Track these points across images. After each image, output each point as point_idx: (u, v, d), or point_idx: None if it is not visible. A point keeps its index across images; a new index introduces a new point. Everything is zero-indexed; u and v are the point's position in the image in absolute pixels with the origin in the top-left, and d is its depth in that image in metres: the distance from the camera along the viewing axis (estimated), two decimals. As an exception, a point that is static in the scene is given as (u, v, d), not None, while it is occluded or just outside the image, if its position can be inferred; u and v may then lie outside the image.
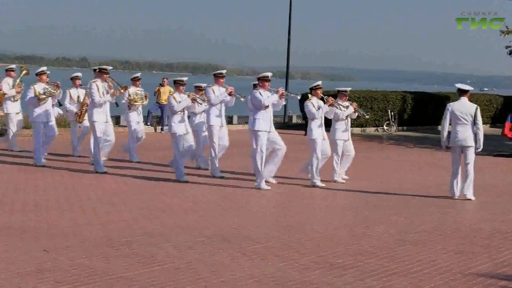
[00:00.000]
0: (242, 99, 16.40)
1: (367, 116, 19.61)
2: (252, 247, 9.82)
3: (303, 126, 32.02)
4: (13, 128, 20.00)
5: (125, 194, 14.14)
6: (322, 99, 16.16)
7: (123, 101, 18.12)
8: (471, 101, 15.23)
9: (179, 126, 15.80)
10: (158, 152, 20.50)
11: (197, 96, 16.48)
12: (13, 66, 20.57)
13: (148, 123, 28.36)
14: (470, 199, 14.67)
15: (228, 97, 16.43)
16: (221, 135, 16.90)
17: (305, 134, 30.39)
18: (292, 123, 36.37)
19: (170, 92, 19.25)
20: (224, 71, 16.97)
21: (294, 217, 12.55)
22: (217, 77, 16.73)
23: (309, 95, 16.16)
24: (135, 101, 18.45)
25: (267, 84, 15.58)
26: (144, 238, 10.11)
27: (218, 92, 16.44)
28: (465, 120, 14.83)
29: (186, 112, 16.15)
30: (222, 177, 16.45)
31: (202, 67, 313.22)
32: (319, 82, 16.64)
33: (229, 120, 30.23)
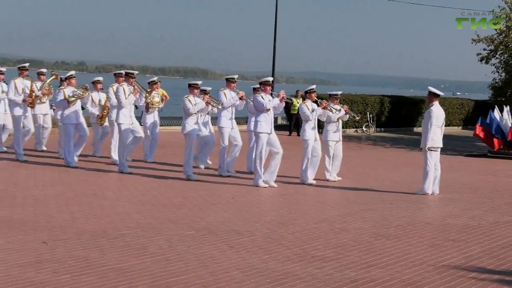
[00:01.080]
0: (251, 103, 16.38)
1: (357, 118, 19.62)
2: (238, 240, 9.82)
3: (287, 126, 32.15)
4: (45, 131, 20.03)
5: (119, 189, 14.12)
6: (316, 102, 16.19)
7: (141, 104, 18.01)
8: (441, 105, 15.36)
9: (194, 129, 15.80)
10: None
11: (212, 98, 16.49)
12: (44, 70, 20.50)
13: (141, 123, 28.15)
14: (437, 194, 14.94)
15: (239, 101, 16.41)
16: (234, 136, 16.89)
17: (289, 135, 30.76)
18: (277, 124, 36.40)
19: (163, 94, 19.18)
20: (235, 76, 16.91)
21: (277, 212, 12.56)
22: (229, 81, 16.69)
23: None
24: (152, 104, 18.35)
25: (268, 88, 15.60)
26: (136, 231, 10.09)
27: (229, 96, 16.42)
28: (441, 123, 14.96)
29: (200, 114, 16.18)
30: (229, 176, 16.45)
31: (192, 71, 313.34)
32: (313, 86, 16.68)
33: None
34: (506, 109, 25.17)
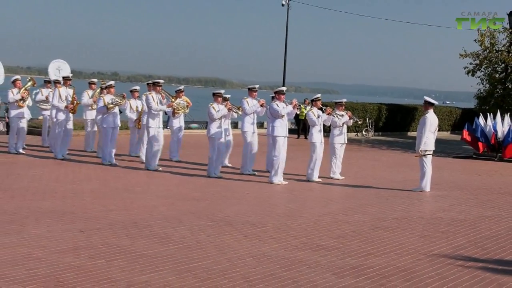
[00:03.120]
0: (266, 108, 16.37)
1: (360, 122, 19.70)
2: (252, 230, 9.80)
3: (295, 130, 32.12)
4: (93, 135, 20.12)
5: (147, 185, 14.12)
6: (321, 109, 16.21)
7: (169, 110, 18.02)
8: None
9: (217, 131, 15.78)
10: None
11: (233, 105, 16.51)
12: (95, 80, 20.57)
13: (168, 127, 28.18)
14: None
15: (260, 108, 16.37)
16: (253, 140, 16.83)
17: (298, 138, 30.74)
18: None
19: (186, 101, 19.18)
20: (257, 86, 16.86)
21: (286, 206, 12.52)
22: (251, 91, 16.67)
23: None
24: (178, 110, 18.36)
25: (282, 96, 15.58)
26: (162, 222, 10.09)
27: (251, 103, 16.38)
28: (434, 129, 14.95)
29: (224, 119, 16.17)
30: (254, 174, 16.40)
31: (212, 81, 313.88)
32: (319, 95, 16.76)
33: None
34: (490, 116, 25.17)
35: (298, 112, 29.33)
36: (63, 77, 19.24)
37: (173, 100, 17.79)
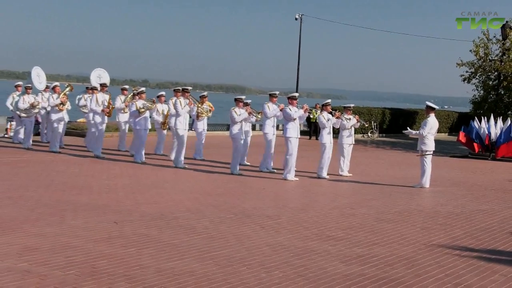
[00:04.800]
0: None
1: (366, 125, 19.70)
2: (268, 222, 9.78)
3: (307, 132, 32.06)
4: (124, 135, 20.24)
5: (174, 181, 14.14)
6: (331, 113, 16.21)
7: (193, 113, 18.06)
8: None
9: (238, 133, 15.81)
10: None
11: (253, 110, 16.51)
12: (126, 86, 20.72)
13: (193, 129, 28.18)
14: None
15: (279, 112, 16.32)
16: (273, 141, 16.71)
17: (309, 139, 30.69)
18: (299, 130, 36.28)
19: (210, 106, 19.15)
20: (277, 92, 16.74)
21: (299, 200, 12.51)
22: (272, 96, 16.53)
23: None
24: (202, 114, 18.38)
25: (295, 101, 15.58)
26: (187, 214, 10.09)
27: (272, 108, 16.35)
28: (434, 131, 14.92)
29: (244, 122, 16.19)
30: (273, 172, 16.32)
31: (233, 88, 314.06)
32: (329, 100, 16.79)
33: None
34: (484, 120, 25.15)
35: (311, 116, 29.43)
36: (100, 84, 19.46)
37: (198, 105, 17.84)
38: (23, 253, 7.15)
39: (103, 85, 19.11)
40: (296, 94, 15.98)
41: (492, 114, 26.69)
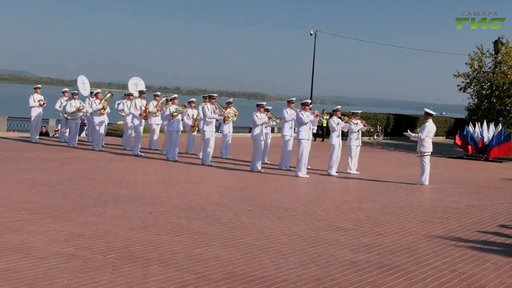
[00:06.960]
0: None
1: (372, 129, 19.67)
2: (284, 214, 9.77)
3: (320, 135, 31.95)
4: (153, 136, 20.19)
5: (202, 177, 14.16)
6: (340, 118, 16.20)
7: (220, 117, 18.09)
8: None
9: (259, 135, 15.83)
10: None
11: (273, 114, 16.52)
12: (158, 93, 20.76)
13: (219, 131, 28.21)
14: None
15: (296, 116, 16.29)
16: (291, 142, 16.60)
17: (322, 140, 30.58)
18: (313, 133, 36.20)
19: (234, 111, 19.14)
20: (294, 99, 16.71)
21: (312, 195, 12.46)
22: (289, 102, 16.43)
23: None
24: (228, 118, 18.41)
25: (307, 107, 15.54)
26: (213, 206, 10.10)
27: (290, 112, 16.28)
28: (432, 135, 14.85)
29: (265, 126, 16.16)
30: (290, 169, 16.22)
31: (254, 95, 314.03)
32: (339, 107, 17.02)
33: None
34: (478, 125, 25.11)
35: (323, 120, 29.33)
36: (139, 91, 19.64)
37: (224, 110, 17.86)
38: (69, 239, 7.20)
39: (141, 92, 19.31)
40: (309, 101, 15.93)
41: (485, 120, 26.56)
